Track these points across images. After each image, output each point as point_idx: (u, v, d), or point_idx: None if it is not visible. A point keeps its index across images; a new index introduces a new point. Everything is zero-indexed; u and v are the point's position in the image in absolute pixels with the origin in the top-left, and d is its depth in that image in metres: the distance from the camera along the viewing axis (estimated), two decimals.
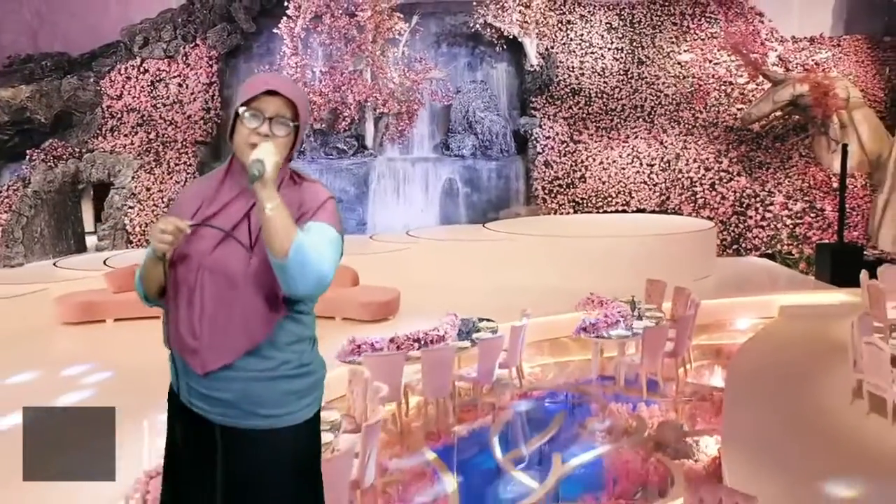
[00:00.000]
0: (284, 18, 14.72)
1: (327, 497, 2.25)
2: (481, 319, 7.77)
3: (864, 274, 9.13)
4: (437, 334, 7.02)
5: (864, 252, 11.54)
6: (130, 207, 14.62)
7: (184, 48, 16.50)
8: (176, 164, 14.99)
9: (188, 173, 14.88)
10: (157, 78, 16.46)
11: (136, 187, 14.86)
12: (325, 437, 4.16)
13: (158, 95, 16.31)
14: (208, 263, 1.98)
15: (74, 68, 17.05)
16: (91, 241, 15.56)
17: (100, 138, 15.85)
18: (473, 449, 6.09)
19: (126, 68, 16.53)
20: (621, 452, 6.01)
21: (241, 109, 1.99)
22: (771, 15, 16.63)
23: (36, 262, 13.76)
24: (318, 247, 1.88)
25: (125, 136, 15.79)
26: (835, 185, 13.33)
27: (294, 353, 2.03)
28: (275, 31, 15.45)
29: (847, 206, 12.36)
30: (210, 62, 16.19)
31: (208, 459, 2.03)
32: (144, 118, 16.05)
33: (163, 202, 14.61)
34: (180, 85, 16.32)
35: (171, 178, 14.88)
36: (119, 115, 16.16)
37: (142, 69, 16.51)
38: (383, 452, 5.64)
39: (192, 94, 16.08)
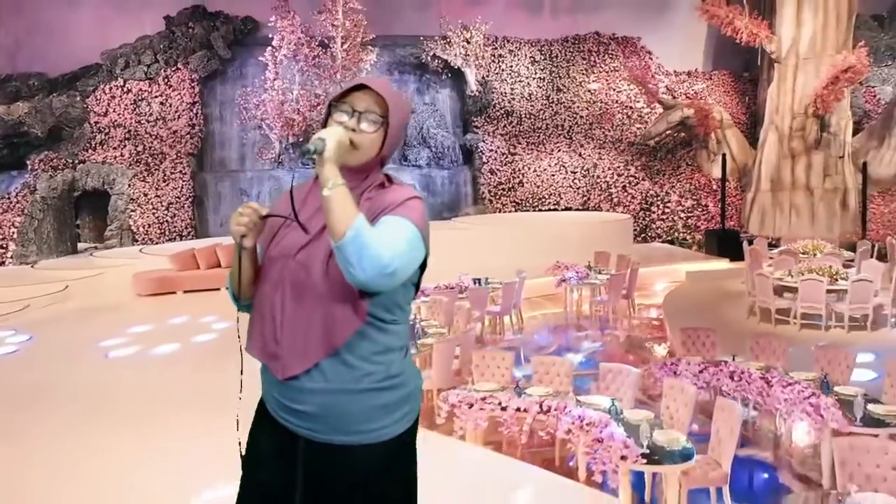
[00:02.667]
0: (269, 48, 17.18)
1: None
2: (486, 279, 10.75)
3: (745, 245, 12.87)
4: (462, 285, 9.99)
5: (740, 234, 15.41)
6: (133, 210, 16.61)
7: (165, 71, 18.55)
8: (172, 173, 17.10)
9: (183, 181, 17.04)
10: (140, 97, 18.41)
11: (134, 193, 16.85)
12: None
13: (142, 113, 18.27)
14: (291, 266, 1.90)
15: (57, 87, 18.71)
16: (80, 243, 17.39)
17: (90, 151, 17.64)
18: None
19: (110, 88, 18.38)
20: (606, 350, 9.15)
21: (332, 106, 1.96)
22: (658, 53, 20.61)
23: (47, 260, 15.50)
24: (384, 235, 1.78)
25: (114, 148, 17.66)
26: (714, 187, 17.29)
27: (380, 365, 1.90)
28: (249, 57, 17.84)
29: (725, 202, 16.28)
30: (192, 84, 18.36)
31: (289, 474, 1.96)
32: (131, 133, 17.97)
33: (161, 206, 16.71)
34: (162, 104, 18.35)
35: (168, 185, 16.99)
36: (107, 130, 17.99)
37: (125, 89, 18.42)
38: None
39: (176, 112, 18.17)
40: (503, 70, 19.64)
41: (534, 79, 19.76)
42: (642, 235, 17.17)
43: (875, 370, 7.07)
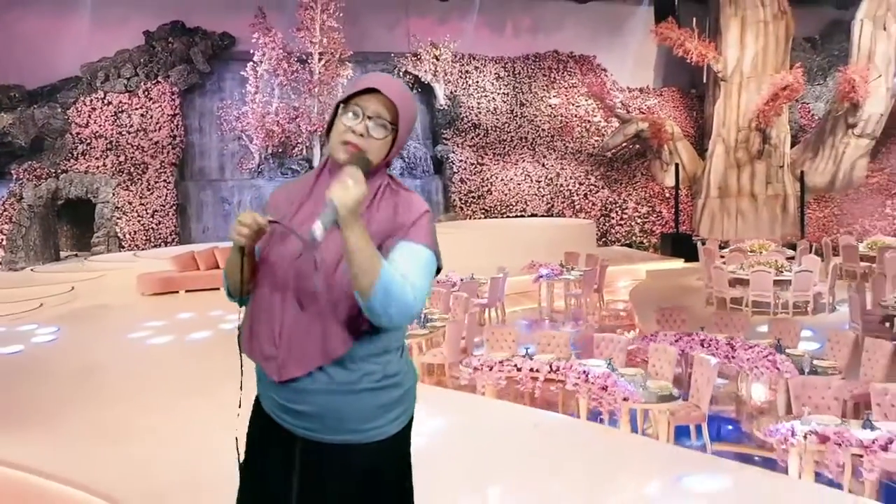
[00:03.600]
0: (251, 63, 18.01)
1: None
2: (472, 276, 11.81)
3: (700, 245, 14.24)
4: (451, 280, 11.04)
5: (692, 237, 16.83)
6: (119, 218, 17.20)
7: (145, 84, 19.16)
8: (156, 182, 17.75)
9: (168, 190, 17.71)
10: (120, 109, 18.97)
11: (118, 202, 17.44)
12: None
13: (122, 124, 18.83)
14: (294, 269, 1.87)
15: (37, 99, 19.15)
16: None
17: (72, 160, 18.15)
18: None
19: (91, 100, 18.89)
20: (584, 335, 10.30)
21: (341, 105, 1.90)
22: (612, 71, 22.05)
23: (43, 265, 15.99)
24: (407, 276, 1.77)
25: (96, 158, 18.20)
26: (667, 195, 18.72)
27: (377, 365, 1.89)
28: (226, 71, 18.64)
29: (678, 208, 17.72)
30: (173, 97, 19.02)
31: (286, 474, 1.94)
32: (112, 143, 18.53)
33: (147, 213, 17.35)
34: (143, 115, 18.95)
35: (153, 193, 17.63)
36: (88, 141, 18.51)
37: (105, 101, 18.96)
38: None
39: (157, 123, 18.80)
40: (470, 85, 20.80)
41: (498, 94, 20.97)
42: (603, 239, 18.48)
43: (818, 342, 8.36)
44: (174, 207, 17.78)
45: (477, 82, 20.92)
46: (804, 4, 18.74)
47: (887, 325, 8.46)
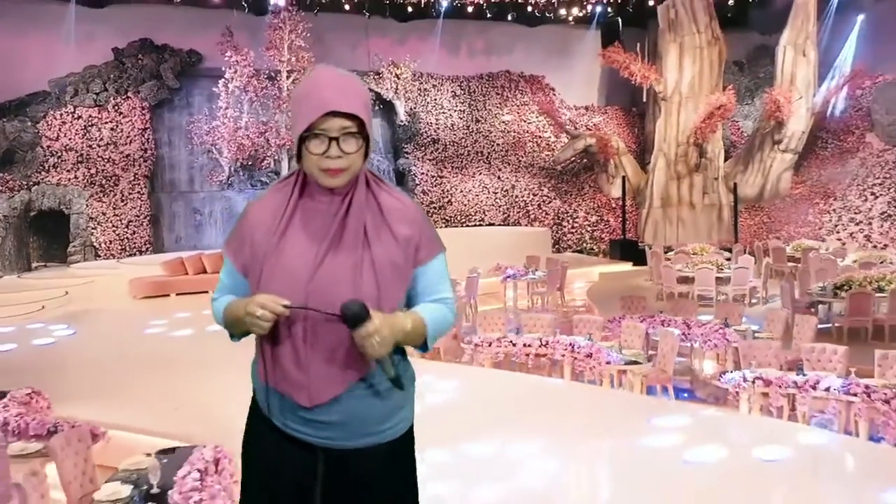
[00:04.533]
0: (222, 80, 18.81)
1: None
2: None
3: (647, 249, 15.71)
4: None
5: (638, 243, 18.34)
6: (94, 228, 17.74)
7: (115, 99, 19.73)
8: (130, 193, 18.35)
9: (141, 201, 18.35)
10: (90, 123, 19.49)
11: (92, 212, 17.98)
12: None
13: (92, 138, 19.35)
14: (311, 288, 1.81)
15: (6, 113, 19.49)
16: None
17: (44, 173, 18.59)
18: None
19: (61, 114, 19.36)
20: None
21: (304, 135, 1.81)
22: (560, 90, 23.56)
23: (28, 272, 16.42)
24: (439, 297, 1.92)
25: (67, 171, 18.69)
26: (614, 205, 20.25)
27: (395, 364, 1.89)
28: (194, 87, 19.40)
29: (625, 216, 19.24)
30: (143, 111, 19.65)
31: (307, 487, 1.92)
32: (83, 156, 19.03)
33: (122, 224, 17.94)
34: (113, 129, 19.51)
35: (127, 204, 18.24)
36: (59, 154, 18.96)
37: (75, 115, 19.45)
38: None
39: (127, 137, 19.38)
40: (428, 103, 22.00)
41: (455, 111, 22.23)
42: (556, 246, 19.86)
43: (756, 325, 9.76)
44: (148, 218, 18.40)
45: (435, 100, 22.13)
46: (733, 31, 20.56)
47: (812, 309, 9.93)
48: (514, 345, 7.54)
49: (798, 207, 19.42)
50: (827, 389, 5.72)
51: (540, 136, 22.31)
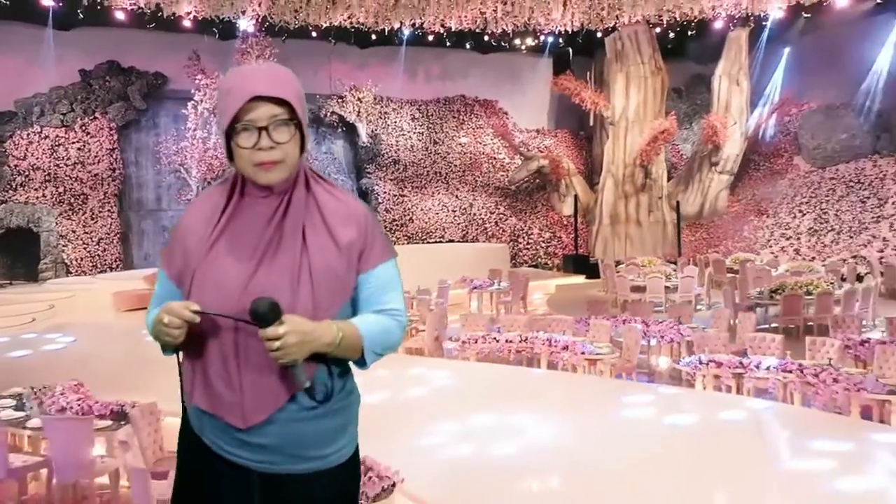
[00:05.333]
0: (191, 102, 19.44)
1: None
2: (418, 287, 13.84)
3: (600, 263, 16.93)
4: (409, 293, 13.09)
5: (589, 258, 19.60)
6: (65, 246, 18.10)
7: (82, 119, 20.13)
8: (100, 212, 18.78)
9: (112, 219, 18.80)
10: (57, 143, 19.84)
11: (62, 230, 18.34)
12: None
13: (60, 157, 19.70)
14: (243, 301, 1.66)
15: None
16: None
17: (11, 191, 18.87)
18: None
19: (27, 134, 19.67)
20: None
21: (231, 129, 1.70)
22: (512, 113, 24.85)
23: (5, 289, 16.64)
24: (384, 307, 1.78)
25: (35, 189, 19.01)
26: (565, 222, 21.51)
27: (339, 382, 1.79)
28: (160, 109, 20.00)
29: (577, 233, 20.52)
30: (111, 132, 20.10)
31: None
32: (50, 175, 19.37)
33: (92, 241, 18.34)
34: (80, 149, 19.90)
35: (97, 222, 18.66)
36: (26, 173, 19.26)
37: (42, 135, 19.78)
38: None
39: (95, 156, 19.80)
40: (389, 125, 22.98)
41: (415, 133, 23.26)
42: (513, 261, 20.97)
43: (703, 325, 10.96)
44: (118, 235, 18.83)
45: (395, 122, 23.13)
46: (672, 60, 22.13)
47: (751, 311, 11.19)
48: (497, 341, 8.51)
49: (734, 224, 21.00)
50: (768, 369, 6.85)
51: (495, 158, 23.50)
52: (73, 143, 19.90)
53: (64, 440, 5.07)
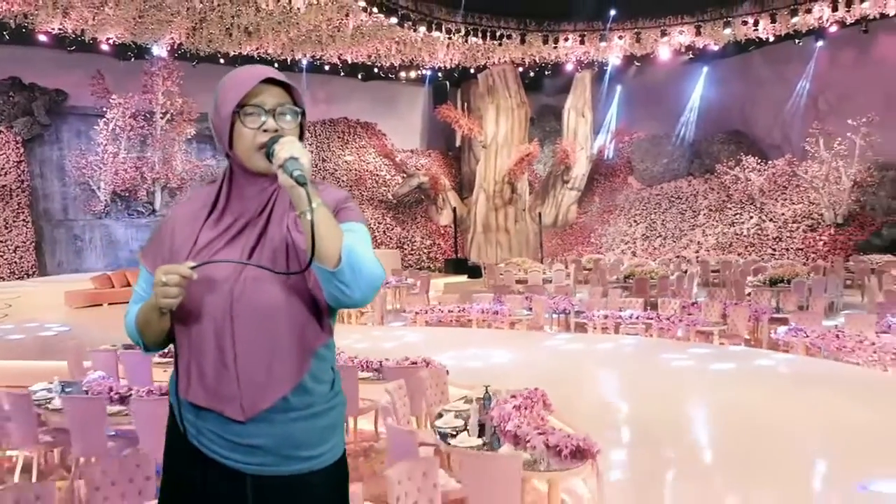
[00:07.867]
0: (103, 120, 20.75)
1: None
2: None
3: (482, 264, 20.22)
4: None
5: (467, 261, 22.91)
6: None
7: None
8: (14, 221, 19.66)
9: (26, 228, 19.73)
10: None
11: None
12: None
13: None
14: (235, 291, 1.69)
15: None
16: None
17: None
18: None
19: None
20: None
21: (238, 111, 1.72)
22: (390, 135, 27.81)
23: None
24: (364, 247, 1.65)
25: None
26: (442, 231, 24.71)
27: (326, 384, 1.79)
28: (63, 123, 21.18)
29: (456, 240, 23.79)
30: (17, 145, 20.93)
31: None
32: None
33: (8, 249, 19.24)
34: None
35: (12, 231, 19.53)
36: None
37: None
38: None
39: (2, 169, 20.57)
40: None
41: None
42: (402, 265, 23.89)
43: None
44: (33, 244, 19.78)
45: None
46: (528, 93, 26.01)
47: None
48: (441, 311, 11.40)
49: (583, 231, 25.14)
50: (630, 316, 10.26)
51: (377, 175, 26.32)
52: None
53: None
